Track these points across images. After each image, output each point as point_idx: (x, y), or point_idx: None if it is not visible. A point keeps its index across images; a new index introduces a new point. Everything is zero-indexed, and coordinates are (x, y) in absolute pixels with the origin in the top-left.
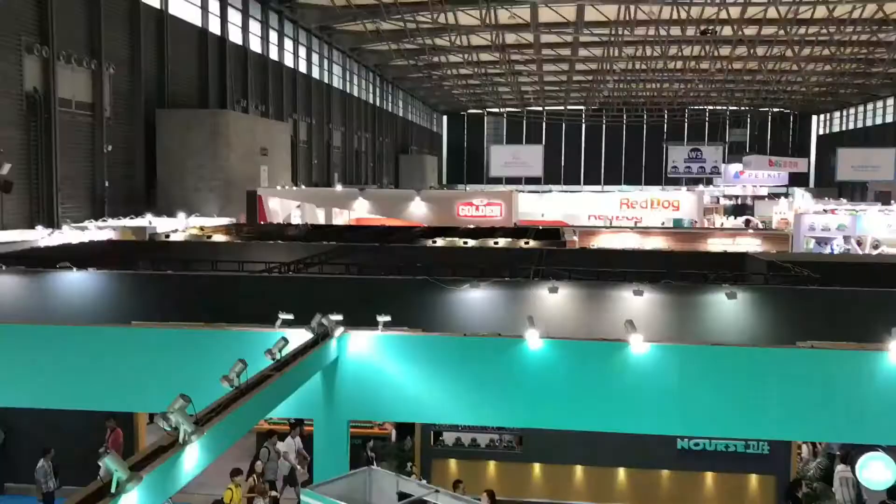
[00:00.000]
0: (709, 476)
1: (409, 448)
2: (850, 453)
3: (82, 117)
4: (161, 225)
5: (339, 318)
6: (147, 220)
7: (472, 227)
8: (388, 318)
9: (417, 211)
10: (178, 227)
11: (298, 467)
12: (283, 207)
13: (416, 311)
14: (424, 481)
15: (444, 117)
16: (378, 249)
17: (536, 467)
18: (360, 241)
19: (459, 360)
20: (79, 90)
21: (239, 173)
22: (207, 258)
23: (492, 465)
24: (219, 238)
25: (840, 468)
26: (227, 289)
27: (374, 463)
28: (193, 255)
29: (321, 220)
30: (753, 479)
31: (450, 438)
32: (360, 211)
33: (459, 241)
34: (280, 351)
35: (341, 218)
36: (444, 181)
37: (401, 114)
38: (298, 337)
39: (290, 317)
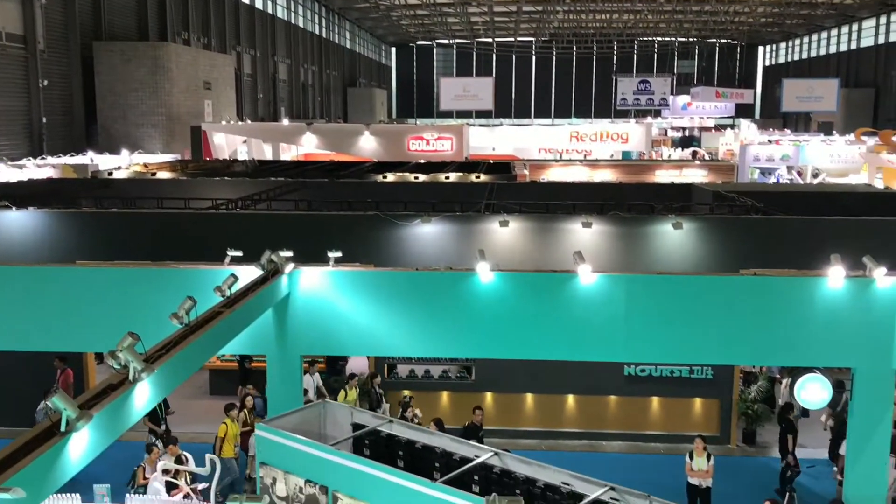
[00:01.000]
0: (655, 401)
1: (364, 380)
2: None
3: (14, 50)
4: (103, 162)
5: (289, 254)
6: (88, 158)
7: (422, 161)
8: (338, 254)
9: (367, 145)
10: (121, 164)
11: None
12: (229, 143)
13: (368, 247)
14: (419, 413)
15: (393, 49)
16: (327, 185)
17: (488, 396)
18: (309, 177)
19: (411, 294)
20: (9, 21)
21: (182, 108)
22: (152, 196)
23: (445, 395)
24: (164, 175)
25: (786, 381)
26: (173, 226)
27: (383, 400)
28: (138, 193)
29: (268, 156)
30: (698, 402)
31: (403, 371)
32: (308, 146)
33: (410, 176)
34: (230, 288)
35: (289, 153)
36: (394, 115)
37: (348, 46)
38: (248, 274)
39: (239, 254)
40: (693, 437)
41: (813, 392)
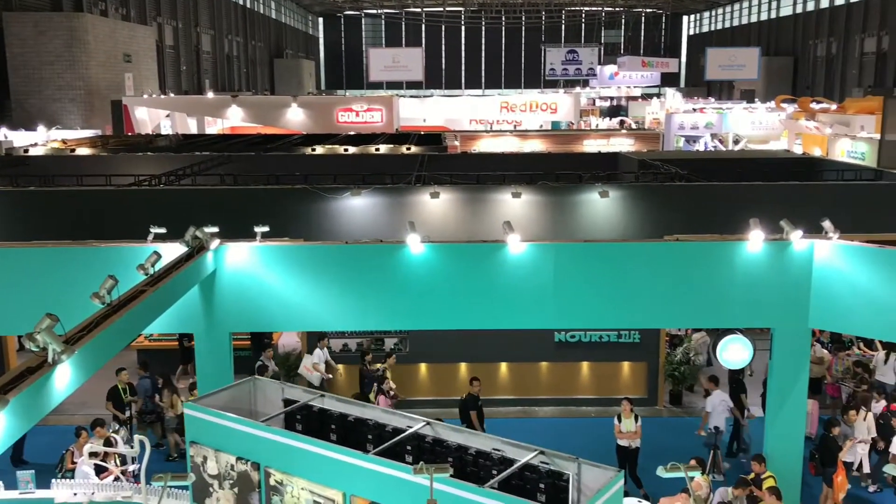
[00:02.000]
0: (585, 365)
1: (296, 357)
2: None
3: None
4: (18, 139)
5: (215, 230)
6: (2, 134)
7: (352, 133)
8: (265, 229)
9: (295, 118)
10: (37, 140)
11: (329, 376)
12: (152, 117)
13: (297, 221)
14: (394, 385)
15: (321, 20)
16: (254, 158)
17: (423, 367)
18: (235, 151)
19: (342, 267)
20: None
21: (101, 82)
22: (72, 173)
23: (379, 367)
24: (83, 151)
25: (697, 335)
26: (94, 204)
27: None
28: (56, 170)
29: (193, 130)
30: (626, 366)
31: (336, 345)
32: (233, 119)
33: (339, 149)
34: (153, 265)
35: (214, 127)
36: (323, 86)
37: (274, 16)
38: (172, 251)
39: (163, 231)
40: (619, 399)
41: (735, 352)
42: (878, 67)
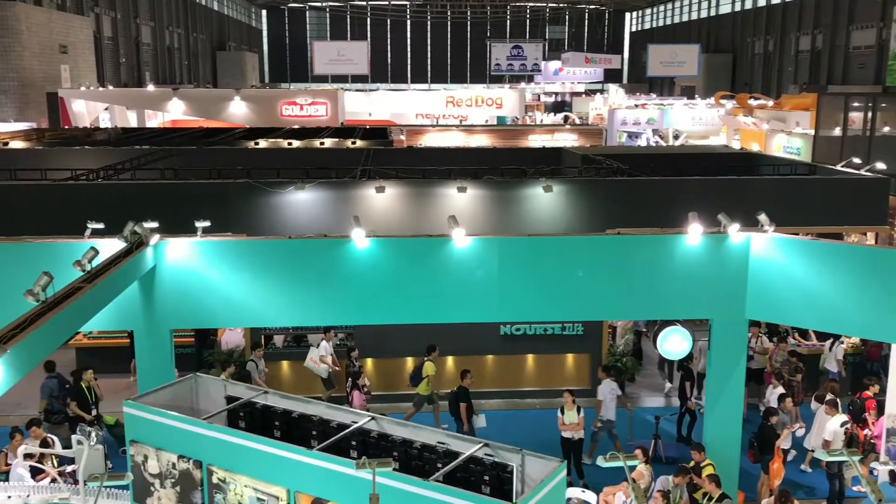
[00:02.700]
0: (530, 358)
1: (240, 353)
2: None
3: None
4: None
5: (155, 225)
6: None
7: (296, 127)
8: (207, 224)
9: (238, 111)
10: None
11: (336, 367)
12: (90, 110)
13: (239, 216)
14: (368, 381)
15: (264, 12)
16: (196, 152)
17: (369, 362)
18: (177, 144)
19: (285, 262)
20: None
21: (36, 73)
22: (5, 167)
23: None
24: (17, 145)
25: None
26: (29, 199)
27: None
28: None
29: (133, 123)
30: (570, 357)
31: (280, 341)
32: (175, 112)
33: (283, 142)
34: (90, 262)
35: (155, 120)
36: (266, 80)
37: (216, 8)
38: (110, 247)
39: (101, 226)
40: (565, 390)
41: (674, 343)
42: (813, 65)
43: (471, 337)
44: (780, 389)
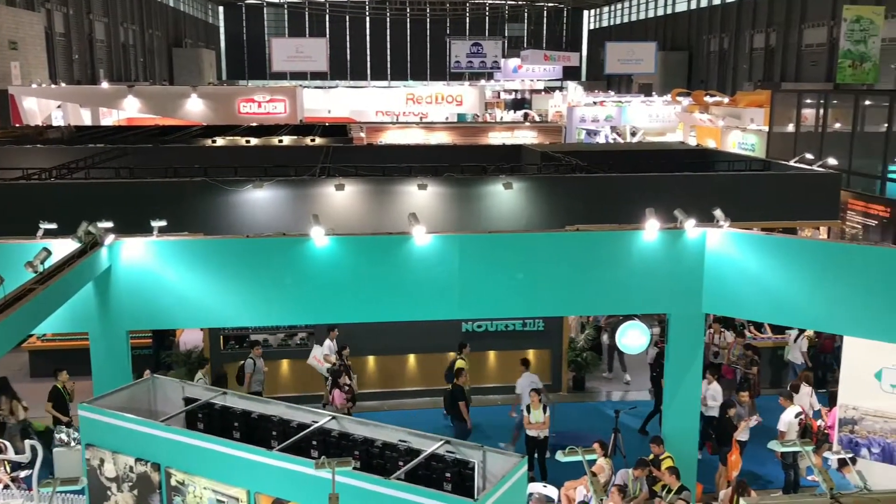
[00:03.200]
0: (492, 354)
1: (199, 354)
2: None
3: None
4: None
5: (109, 224)
6: None
7: (254, 124)
8: (163, 223)
9: (195, 109)
10: None
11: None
12: (42, 108)
13: (196, 215)
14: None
15: (221, 8)
16: (152, 151)
17: (371, 360)
18: (132, 143)
19: (244, 261)
20: None
21: None
22: None
23: (286, 363)
24: None
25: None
26: None
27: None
28: None
29: (87, 122)
30: (531, 353)
31: (240, 341)
32: (130, 110)
33: (241, 140)
34: (42, 263)
35: (109, 118)
36: (224, 77)
37: (171, 4)
38: (64, 247)
39: (53, 226)
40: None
41: (633, 338)
42: (767, 62)
43: (432, 334)
44: (717, 385)
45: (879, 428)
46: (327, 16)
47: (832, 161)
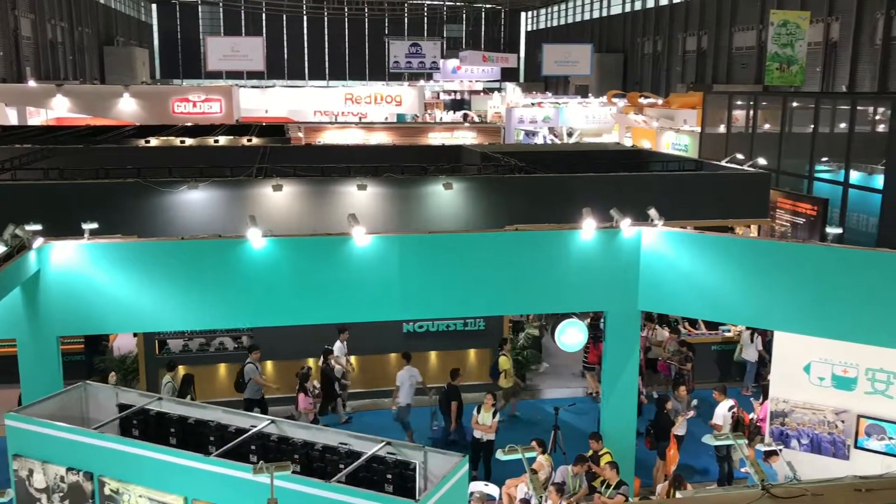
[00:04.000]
0: (433, 355)
1: (133, 360)
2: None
3: None
4: None
5: (38, 227)
6: None
7: (189, 124)
8: (94, 226)
9: (127, 108)
10: None
11: (351, 368)
12: None
13: (130, 217)
14: (317, 384)
15: (154, 5)
16: (82, 151)
17: (269, 365)
18: (61, 143)
19: (179, 264)
20: None
21: None
22: None
23: (223, 367)
24: None
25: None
26: None
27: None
28: None
29: (13, 121)
30: (472, 353)
31: (176, 346)
32: (59, 109)
33: (175, 140)
34: None
35: (37, 118)
36: (157, 76)
37: (102, 1)
38: None
39: None
40: (471, 385)
41: (571, 335)
42: (699, 64)
43: (373, 336)
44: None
45: (808, 420)
46: (264, 14)
47: (762, 161)
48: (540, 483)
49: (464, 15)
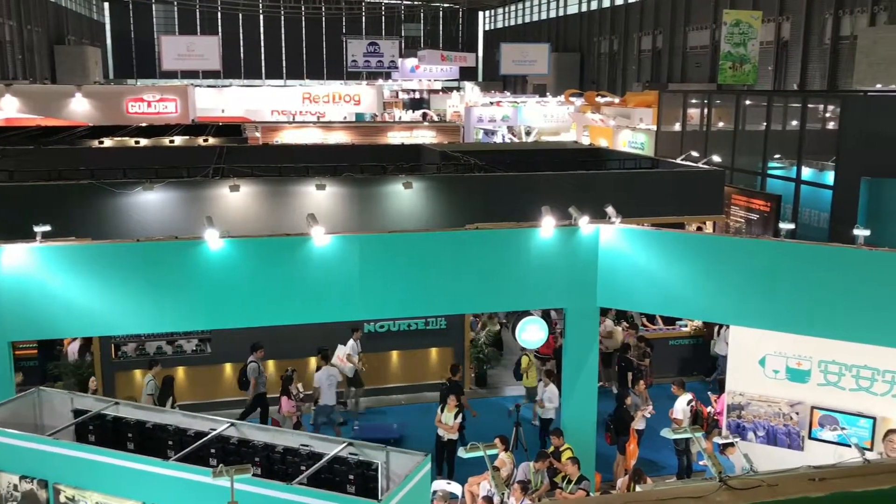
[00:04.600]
0: (395, 354)
1: (89, 364)
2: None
3: None
4: None
5: None
6: None
7: (143, 124)
8: (47, 228)
9: (80, 108)
10: None
11: (363, 367)
12: None
13: (83, 219)
14: (301, 387)
15: (106, 4)
16: (33, 152)
17: (228, 367)
18: (12, 144)
19: (134, 266)
20: None
21: None
22: None
23: (181, 370)
24: None
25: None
26: None
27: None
28: None
29: None
30: (434, 352)
31: (132, 349)
32: (8, 110)
33: (130, 141)
34: None
35: None
36: (111, 76)
37: None
38: None
39: None
40: (429, 384)
41: (531, 333)
42: (654, 64)
43: (334, 336)
44: (553, 388)
45: (764, 412)
46: (219, 13)
47: (716, 158)
48: (502, 480)
49: (422, 14)
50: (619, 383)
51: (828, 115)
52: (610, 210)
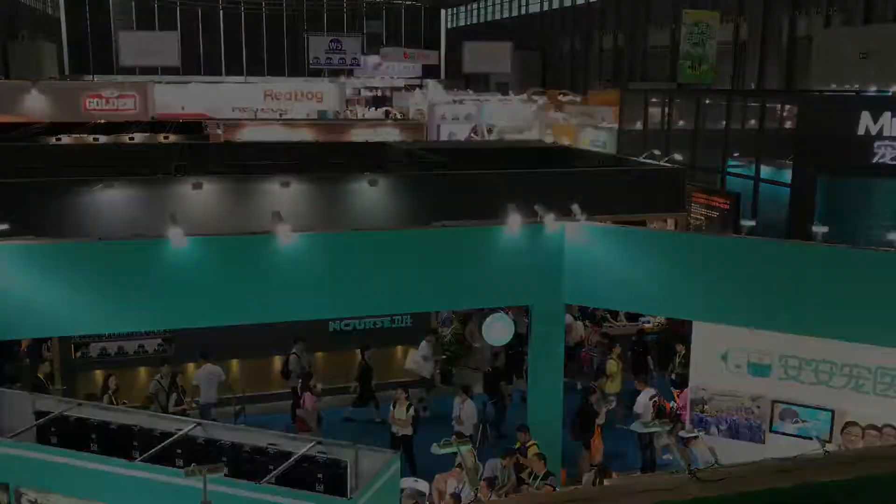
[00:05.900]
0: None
1: (49, 364)
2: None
3: None
4: None
5: None
6: None
7: (102, 121)
8: (4, 227)
9: (35, 105)
10: None
11: (437, 369)
12: None
13: (40, 218)
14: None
15: None
16: None
17: (190, 367)
18: None
19: (95, 266)
20: None
21: None
22: None
23: (143, 371)
24: None
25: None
26: None
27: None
28: None
29: None
30: (399, 350)
31: (94, 349)
32: None
33: (88, 138)
34: None
35: None
36: (67, 71)
37: None
38: None
39: None
40: (394, 382)
41: (498, 330)
42: (616, 63)
43: (299, 334)
44: (471, 404)
45: (726, 406)
46: (178, 8)
47: (677, 157)
48: (476, 476)
49: (384, 11)
50: (595, 378)
51: (785, 114)
52: (575, 208)
